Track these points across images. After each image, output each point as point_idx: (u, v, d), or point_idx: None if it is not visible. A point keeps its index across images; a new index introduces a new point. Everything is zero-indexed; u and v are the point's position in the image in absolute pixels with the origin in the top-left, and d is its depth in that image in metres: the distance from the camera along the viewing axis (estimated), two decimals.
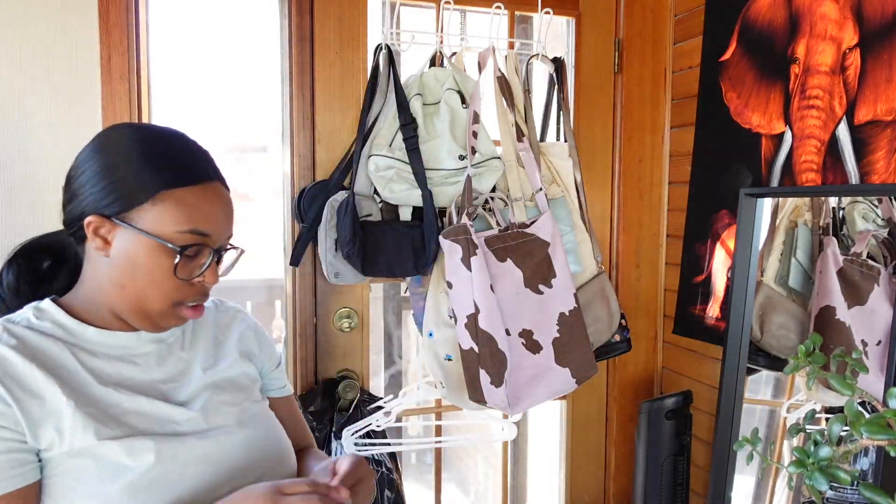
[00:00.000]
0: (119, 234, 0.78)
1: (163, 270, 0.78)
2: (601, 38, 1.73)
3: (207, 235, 0.80)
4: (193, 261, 0.81)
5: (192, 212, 0.78)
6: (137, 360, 0.83)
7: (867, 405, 0.71)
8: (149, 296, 0.79)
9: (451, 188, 1.40)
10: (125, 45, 1.36)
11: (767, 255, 1.37)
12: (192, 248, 0.79)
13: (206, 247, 0.81)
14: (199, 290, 0.83)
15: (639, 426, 1.56)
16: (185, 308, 0.82)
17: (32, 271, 0.90)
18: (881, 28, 1.17)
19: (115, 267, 0.79)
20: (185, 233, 0.78)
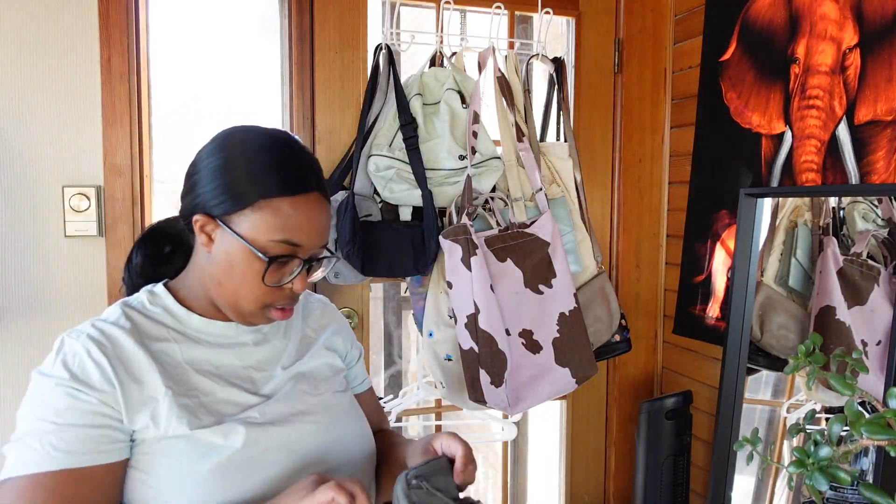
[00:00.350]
0: (221, 234, 0.83)
1: (254, 275, 0.82)
2: (601, 38, 1.73)
3: (299, 246, 0.83)
4: (284, 268, 0.84)
5: (286, 222, 0.81)
6: (234, 347, 0.89)
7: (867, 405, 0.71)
8: (241, 295, 0.84)
9: (451, 188, 1.40)
10: (125, 45, 1.36)
11: (767, 255, 1.37)
12: (283, 259, 0.82)
13: (297, 257, 0.83)
14: (287, 294, 0.85)
15: (639, 426, 1.56)
16: (273, 310, 0.86)
17: (156, 255, 0.96)
18: (881, 28, 1.17)
19: (215, 264, 0.84)
20: (277, 242, 0.81)
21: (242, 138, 0.85)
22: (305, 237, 0.83)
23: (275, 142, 0.85)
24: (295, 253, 0.83)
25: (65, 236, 1.35)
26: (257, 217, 0.80)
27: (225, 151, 0.83)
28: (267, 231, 0.80)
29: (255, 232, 0.80)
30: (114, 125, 1.36)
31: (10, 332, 1.34)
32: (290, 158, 0.84)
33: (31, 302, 1.35)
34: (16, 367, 1.34)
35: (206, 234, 0.83)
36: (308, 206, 0.83)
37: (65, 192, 1.34)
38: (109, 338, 0.81)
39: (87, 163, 1.36)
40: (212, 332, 0.88)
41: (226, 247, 0.82)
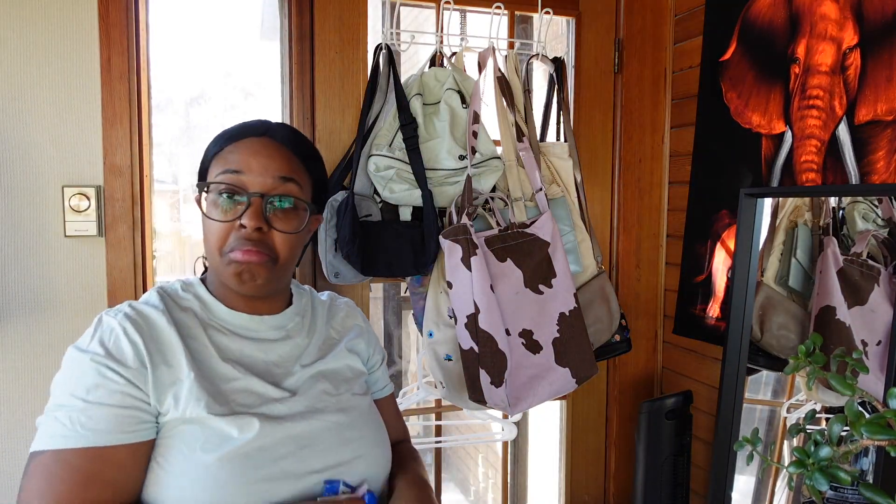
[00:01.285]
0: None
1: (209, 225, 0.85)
2: (601, 38, 1.73)
3: (238, 172, 0.84)
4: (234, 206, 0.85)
5: (227, 158, 0.86)
6: (257, 341, 0.91)
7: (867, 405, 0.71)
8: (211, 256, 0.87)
9: (451, 188, 1.40)
10: (125, 45, 1.36)
11: (767, 255, 1.37)
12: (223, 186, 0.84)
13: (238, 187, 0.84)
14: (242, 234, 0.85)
15: (639, 426, 1.56)
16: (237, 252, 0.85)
17: None
18: (881, 28, 1.17)
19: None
20: (218, 175, 0.85)
21: None
22: (244, 165, 0.85)
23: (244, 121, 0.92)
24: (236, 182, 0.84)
25: (65, 236, 1.35)
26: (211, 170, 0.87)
27: None
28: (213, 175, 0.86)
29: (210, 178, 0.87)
30: (114, 125, 1.36)
31: (10, 332, 1.34)
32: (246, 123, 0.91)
33: (31, 302, 1.35)
34: (16, 367, 1.34)
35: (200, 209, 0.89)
36: (250, 144, 0.87)
37: (65, 192, 1.34)
38: (145, 318, 0.85)
39: (87, 163, 1.36)
40: (236, 323, 0.90)
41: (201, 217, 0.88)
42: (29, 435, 1.35)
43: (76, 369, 0.80)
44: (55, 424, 0.77)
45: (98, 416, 0.77)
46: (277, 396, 0.87)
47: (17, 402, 1.34)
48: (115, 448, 0.77)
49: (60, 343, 1.36)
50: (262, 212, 0.85)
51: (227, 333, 0.89)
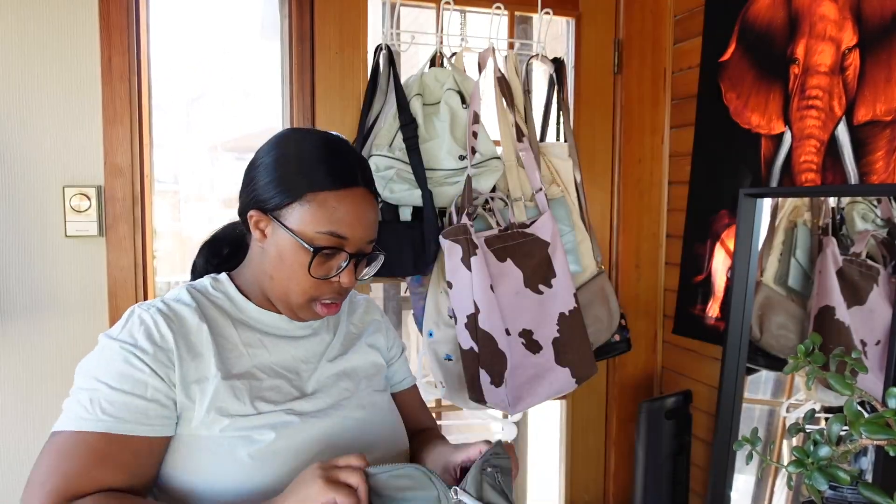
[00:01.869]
0: (273, 229, 0.86)
1: (301, 267, 0.85)
2: (601, 38, 1.73)
3: (345, 238, 0.85)
4: (330, 261, 0.86)
5: (332, 214, 0.84)
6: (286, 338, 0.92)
7: (866, 405, 0.71)
8: (291, 289, 0.87)
9: (451, 188, 1.40)
10: (125, 45, 1.36)
11: (767, 255, 1.37)
12: (329, 250, 0.85)
13: (343, 250, 0.86)
14: (335, 288, 0.88)
15: (639, 426, 1.56)
16: (320, 304, 0.88)
17: (216, 256, 1.01)
18: (880, 28, 1.18)
19: (268, 258, 0.88)
20: (323, 234, 0.84)
21: (296, 137, 0.90)
22: (350, 230, 0.85)
23: (325, 140, 0.89)
24: (341, 245, 0.85)
25: (65, 236, 1.35)
26: (305, 210, 0.83)
27: (278, 149, 0.88)
28: (313, 223, 0.83)
29: (302, 224, 0.83)
30: (114, 125, 1.36)
31: (10, 331, 1.34)
32: (338, 154, 0.87)
33: (31, 302, 1.35)
34: (16, 367, 1.34)
35: (260, 229, 0.87)
36: (354, 199, 0.85)
37: (65, 192, 1.34)
38: (177, 314, 0.85)
39: (87, 163, 1.36)
40: (266, 321, 0.91)
41: (277, 240, 0.86)
42: (30, 431, 1.35)
43: (104, 355, 0.81)
44: (77, 407, 0.78)
45: (120, 403, 0.78)
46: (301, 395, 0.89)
47: (18, 400, 1.34)
48: (133, 438, 0.78)
49: (61, 342, 1.37)
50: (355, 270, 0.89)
51: (257, 331, 0.90)
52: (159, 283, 2.11)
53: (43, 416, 1.35)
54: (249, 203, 0.88)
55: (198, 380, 0.82)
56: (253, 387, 0.85)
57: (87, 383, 0.80)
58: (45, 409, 1.35)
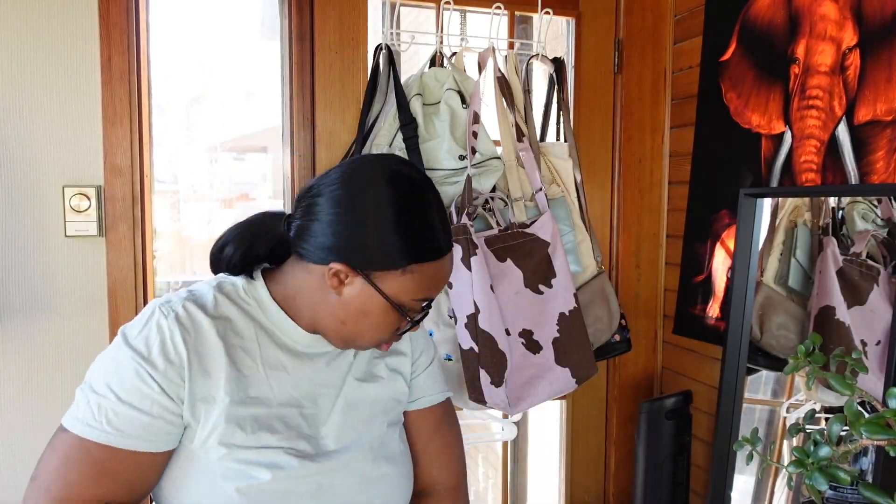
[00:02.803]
0: (358, 283, 0.81)
1: (389, 325, 0.84)
2: (601, 38, 1.73)
3: (432, 300, 0.86)
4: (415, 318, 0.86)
5: (429, 284, 0.83)
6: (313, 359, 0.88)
7: (867, 405, 0.71)
8: (365, 336, 0.84)
9: (452, 188, 1.40)
10: (125, 45, 1.36)
11: (767, 255, 1.37)
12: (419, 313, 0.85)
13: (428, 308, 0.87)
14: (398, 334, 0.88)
15: (639, 426, 1.56)
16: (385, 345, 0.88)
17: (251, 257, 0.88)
18: (881, 28, 1.17)
19: (342, 307, 0.82)
20: (418, 300, 0.83)
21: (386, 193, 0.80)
22: (439, 292, 0.86)
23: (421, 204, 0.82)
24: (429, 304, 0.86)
25: (65, 236, 1.35)
26: (406, 280, 0.81)
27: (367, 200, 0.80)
28: (413, 292, 0.82)
29: (400, 292, 0.81)
30: (114, 125, 1.36)
31: (10, 332, 1.34)
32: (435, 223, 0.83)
33: (31, 302, 1.35)
34: (16, 367, 1.34)
35: (339, 280, 0.81)
36: (447, 265, 0.85)
37: (65, 192, 1.34)
38: (195, 324, 0.81)
39: (87, 163, 1.36)
40: (297, 338, 0.86)
41: (362, 296, 0.81)
42: (30, 430, 1.35)
43: (117, 361, 0.80)
44: (86, 409, 0.78)
45: (127, 417, 0.77)
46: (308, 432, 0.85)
47: (17, 400, 1.34)
48: (135, 453, 0.78)
49: (60, 342, 1.37)
50: None
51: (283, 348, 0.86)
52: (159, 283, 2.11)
53: (43, 415, 1.35)
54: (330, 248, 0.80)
55: (205, 398, 0.80)
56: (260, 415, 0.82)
57: (99, 387, 0.79)
58: (44, 408, 1.35)
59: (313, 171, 1.51)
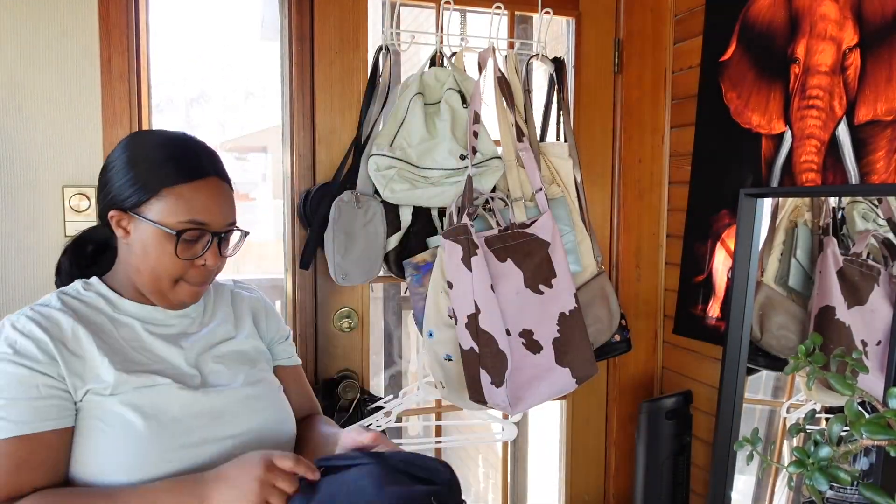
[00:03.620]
0: (135, 225, 0.92)
1: (168, 254, 0.91)
2: (601, 38, 1.73)
3: (204, 224, 0.92)
4: (195, 245, 0.93)
5: (189, 205, 0.91)
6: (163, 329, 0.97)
7: (867, 405, 0.71)
8: (159, 275, 0.93)
9: (452, 188, 1.40)
10: (125, 45, 1.36)
11: (767, 255, 1.37)
12: (190, 233, 0.91)
13: (205, 232, 0.93)
14: (203, 271, 0.95)
15: (639, 426, 1.56)
16: (186, 285, 0.95)
17: (81, 256, 1.04)
18: (881, 28, 1.17)
19: (133, 252, 0.94)
20: (184, 223, 0.91)
21: (142, 139, 0.97)
22: (208, 215, 0.92)
23: (171, 138, 0.96)
24: (202, 229, 0.92)
25: (65, 236, 1.35)
26: (163, 204, 0.90)
27: (128, 151, 0.94)
28: (174, 214, 0.90)
29: (163, 216, 0.90)
30: (114, 125, 1.36)
31: None
32: (185, 150, 0.95)
33: (30, 301, 1.35)
34: None
35: (122, 227, 0.93)
36: (207, 188, 0.93)
37: (65, 192, 1.34)
38: (48, 318, 0.89)
39: (87, 163, 1.36)
40: (142, 315, 0.96)
41: (140, 234, 0.92)
42: None
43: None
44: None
45: (20, 409, 0.82)
46: (190, 374, 0.94)
47: None
48: (42, 434, 0.82)
49: None
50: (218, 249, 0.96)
51: (136, 326, 0.95)
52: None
53: None
54: (108, 205, 0.93)
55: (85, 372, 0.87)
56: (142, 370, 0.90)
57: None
58: None
59: (313, 171, 1.51)
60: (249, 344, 1.05)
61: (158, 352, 0.94)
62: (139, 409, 0.87)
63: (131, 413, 0.86)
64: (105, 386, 0.86)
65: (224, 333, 1.03)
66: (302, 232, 1.50)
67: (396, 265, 1.46)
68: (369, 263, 1.41)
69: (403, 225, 1.46)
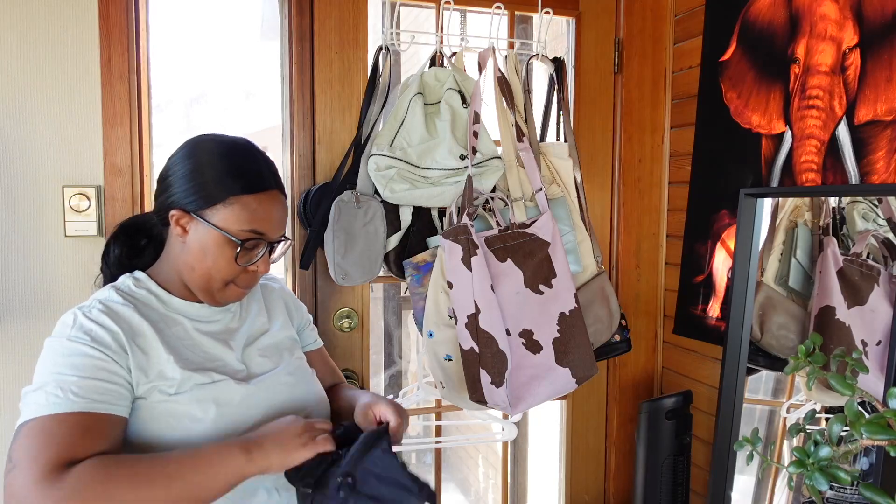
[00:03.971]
0: (195, 226, 0.97)
1: (226, 258, 0.97)
2: (601, 38, 1.73)
3: (263, 234, 0.98)
4: (251, 252, 0.99)
5: (253, 215, 0.97)
6: (210, 326, 1.03)
7: (867, 405, 0.71)
8: (212, 276, 0.98)
9: (452, 188, 1.40)
10: (125, 45, 1.36)
11: (767, 255, 1.37)
12: (251, 242, 0.97)
13: (262, 241, 0.99)
14: (253, 277, 1.01)
15: (639, 426, 1.56)
16: (235, 287, 1.01)
17: (132, 247, 1.08)
18: (881, 28, 1.17)
19: (189, 251, 0.98)
20: (246, 231, 0.96)
21: (209, 146, 1.00)
22: (268, 226, 0.99)
23: (237, 147, 1.01)
24: (261, 239, 0.98)
25: (65, 236, 1.35)
26: (229, 211, 0.95)
27: (194, 157, 0.98)
28: (238, 222, 0.96)
29: (227, 223, 0.95)
30: (114, 125, 1.36)
31: (10, 332, 1.34)
32: (252, 161, 1.00)
33: (31, 302, 1.35)
34: (16, 367, 1.34)
35: (181, 226, 0.97)
36: (269, 200, 0.99)
37: (65, 192, 1.34)
38: (116, 312, 0.93)
39: (87, 163, 1.36)
40: (190, 312, 1.01)
41: (199, 236, 0.96)
42: None
43: (60, 352, 0.87)
44: (48, 396, 0.83)
45: (88, 386, 0.85)
46: (239, 369, 1.01)
47: (16, 401, 1.34)
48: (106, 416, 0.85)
49: None
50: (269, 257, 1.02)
51: (186, 324, 1.00)
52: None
53: None
54: (170, 204, 0.97)
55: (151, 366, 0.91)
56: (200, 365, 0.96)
57: (51, 377, 0.85)
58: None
59: (313, 171, 1.51)
60: (283, 334, 1.12)
61: (209, 349, 0.99)
62: (205, 404, 0.92)
63: (197, 408, 0.91)
64: (171, 384, 0.91)
65: (260, 326, 1.10)
66: (302, 232, 1.50)
67: (396, 265, 1.46)
68: (369, 263, 1.41)
69: (403, 225, 1.46)
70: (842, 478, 0.63)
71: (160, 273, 1.03)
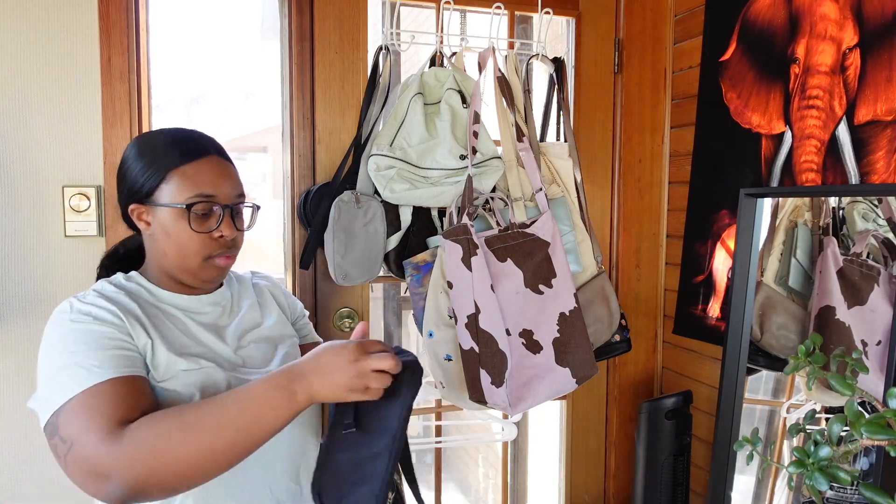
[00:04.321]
0: (153, 214, 0.98)
1: (186, 231, 0.97)
2: (601, 38, 1.73)
3: (212, 196, 0.98)
4: (209, 219, 0.98)
5: (193, 181, 0.97)
6: (200, 317, 1.03)
7: (867, 405, 0.71)
8: (185, 254, 0.98)
9: (452, 188, 1.40)
10: (125, 45, 1.36)
11: (767, 255, 1.37)
12: (200, 206, 0.97)
13: (215, 204, 0.98)
14: (223, 243, 1.00)
15: (639, 426, 1.56)
16: (216, 259, 1.00)
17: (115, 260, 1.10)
18: (881, 28, 1.17)
19: (156, 240, 0.99)
20: (192, 198, 0.96)
21: (147, 136, 1.03)
22: (213, 188, 0.98)
23: (172, 130, 1.03)
24: (211, 201, 0.98)
25: (65, 236, 1.35)
26: (172, 186, 0.96)
27: (135, 147, 1.00)
28: (182, 193, 0.96)
29: (174, 197, 0.96)
30: (114, 125, 1.36)
31: (9, 332, 1.34)
32: (183, 136, 1.01)
33: (31, 302, 1.35)
34: (16, 367, 1.34)
35: (143, 220, 0.99)
36: (209, 164, 0.99)
37: (65, 192, 1.34)
38: (109, 296, 0.96)
39: (87, 163, 1.36)
40: (179, 304, 1.02)
41: (158, 221, 0.98)
42: (29, 432, 1.35)
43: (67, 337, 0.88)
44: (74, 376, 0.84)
45: (109, 356, 0.87)
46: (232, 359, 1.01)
47: (16, 401, 1.34)
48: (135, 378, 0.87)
49: None
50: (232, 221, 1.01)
51: (174, 314, 1.01)
52: None
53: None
54: (126, 201, 0.99)
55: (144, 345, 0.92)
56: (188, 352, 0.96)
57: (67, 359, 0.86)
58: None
59: (313, 171, 1.51)
60: (277, 328, 1.13)
61: (202, 338, 1.00)
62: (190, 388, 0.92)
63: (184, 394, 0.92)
64: (155, 365, 0.92)
65: (252, 321, 1.10)
66: (302, 232, 1.50)
67: (396, 265, 1.46)
68: (369, 263, 1.41)
69: (403, 225, 1.46)
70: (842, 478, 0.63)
71: (147, 271, 1.05)
